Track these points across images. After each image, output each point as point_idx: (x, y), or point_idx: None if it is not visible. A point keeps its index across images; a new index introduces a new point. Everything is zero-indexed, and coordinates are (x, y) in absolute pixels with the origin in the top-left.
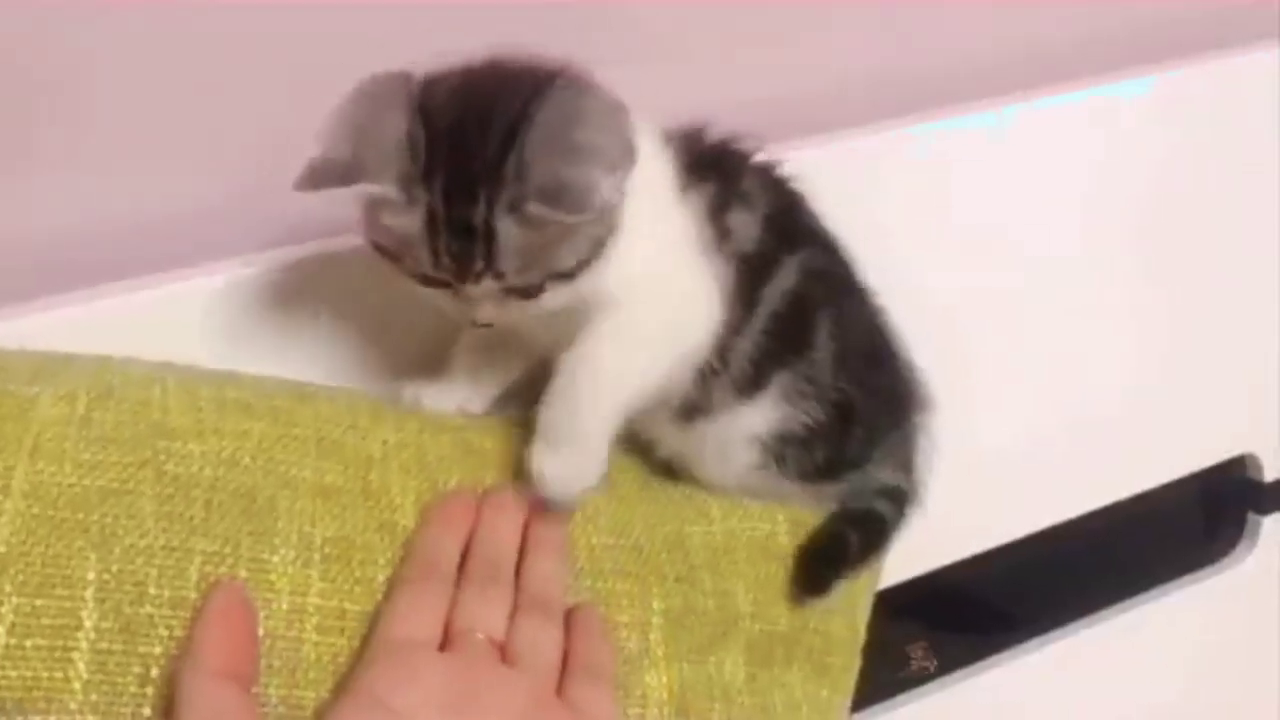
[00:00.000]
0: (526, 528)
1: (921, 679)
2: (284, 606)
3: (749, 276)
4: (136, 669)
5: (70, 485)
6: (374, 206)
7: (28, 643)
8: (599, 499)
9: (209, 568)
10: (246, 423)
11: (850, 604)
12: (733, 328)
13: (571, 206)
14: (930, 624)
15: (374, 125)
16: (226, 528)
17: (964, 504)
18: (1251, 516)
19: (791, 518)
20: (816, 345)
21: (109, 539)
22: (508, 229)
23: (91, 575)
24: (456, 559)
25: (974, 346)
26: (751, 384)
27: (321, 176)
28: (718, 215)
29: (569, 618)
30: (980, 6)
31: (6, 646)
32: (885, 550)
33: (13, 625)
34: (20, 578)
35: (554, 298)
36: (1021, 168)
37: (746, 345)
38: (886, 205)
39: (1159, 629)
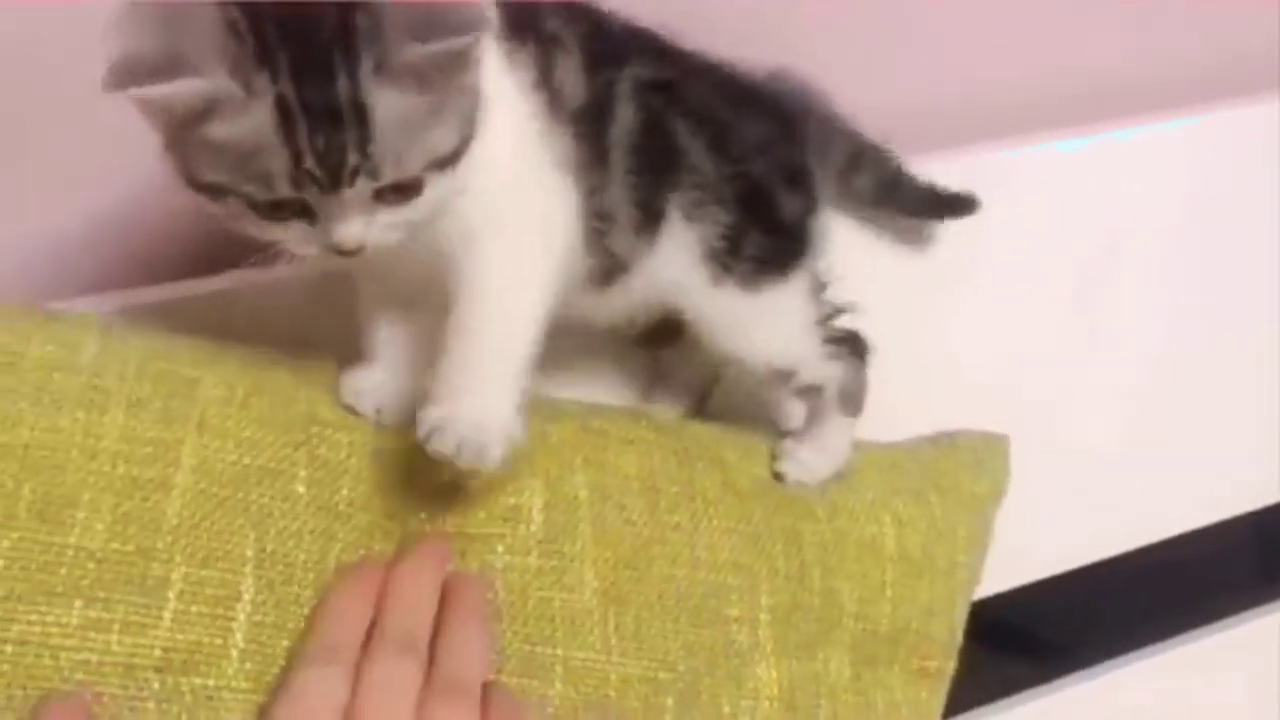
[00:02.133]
0: (445, 591)
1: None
2: None
3: (591, 129)
4: (285, 642)
5: (233, 463)
6: (195, 123)
7: (193, 609)
8: (716, 488)
9: (345, 555)
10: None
11: (949, 606)
12: (599, 187)
13: (459, 26)
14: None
15: (179, 14)
16: (366, 520)
17: (1014, 533)
18: None
19: (897, 519)
20: (686, 151)
21: (265, 519)
22: (382, 98)
23: (250, 552)
24: (362, 634)
25: (1028, 378)
26: (649, 224)
27: (131, 74)
28: (546, 79)
29: (486, 698)
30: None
31: (175, 611)
32: None
33: (181, 592)
34: (189, 549)
35: (434, 197)
36: (1097, 198)
37: (621, 193)
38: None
39: (1209, 668)
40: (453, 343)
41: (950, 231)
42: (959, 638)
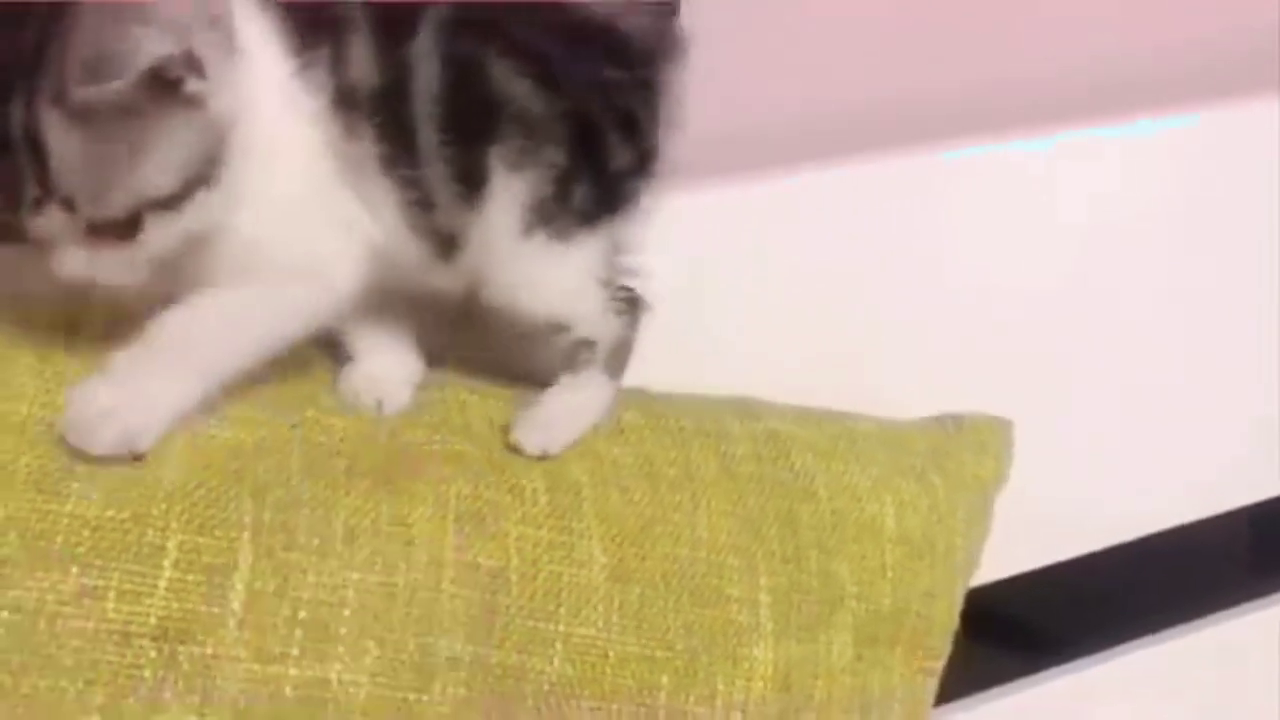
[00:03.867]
0: None
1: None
2: (423, 558)
3: (392, 111)
4: (286, 611)
5: (229, 438)
6: None
7: (189, 577)
8: (714, 470)
9: (353, 520)
10: None
11: (948, 589)
12: (412, 174)
13: (110, 71)
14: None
15: None
16: (362, 488)
17: (1009, 526)
18: None
19: (898, 500)
20: (510, 97)
21: (263, 489)
22: (57, 132)
23: (248, 519)
24: None
25: (1023, 368)
26: (475, 187)
27: None
28: (339, 74)
29: None
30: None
31: (171, 579)
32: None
33: (177, 560)
34: (185, 516)
35: (159, 238)
36: (1097, 191)
37: (439, 168)
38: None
39: (1198, 661)
40: (163, 328)
41: (954, 223)
42: (956, 620)
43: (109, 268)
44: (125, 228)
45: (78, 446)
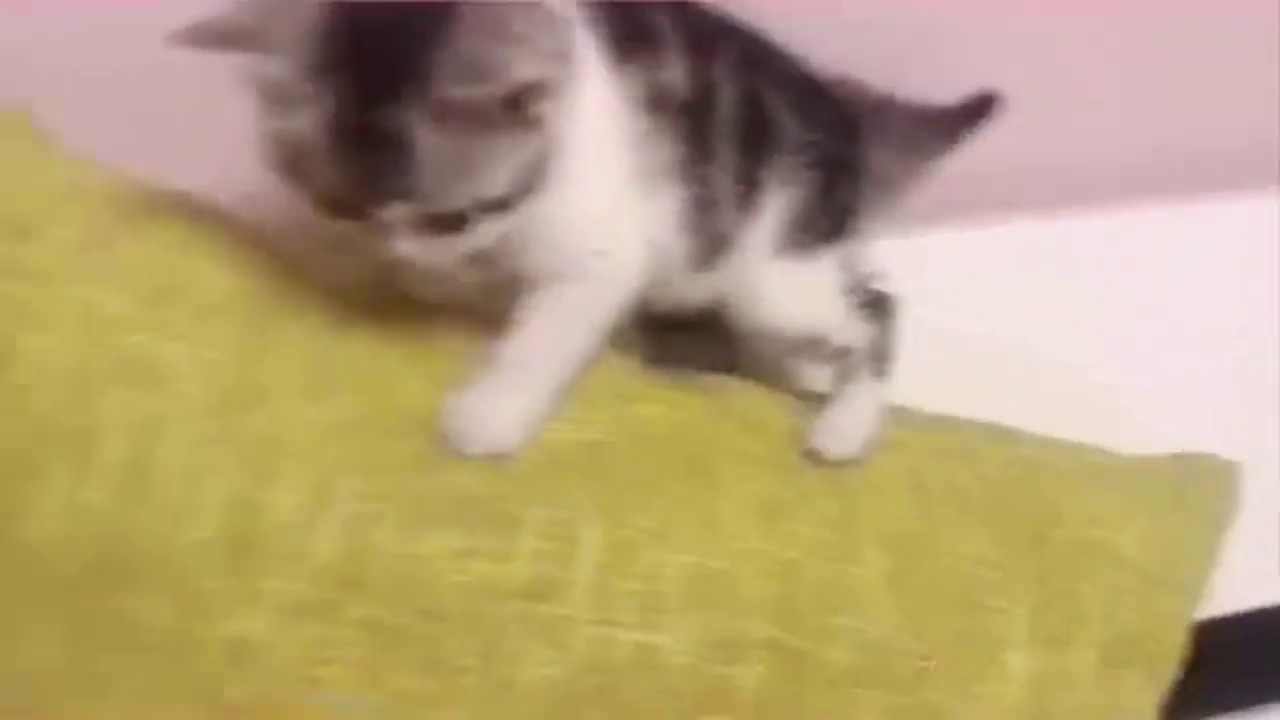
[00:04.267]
0: None
1: None
2: (733, 546)
3: (697, 119)
4: (624, 585)
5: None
6: (269, 105)
7: (544, 546)
8: (972, 488)
9: (676, 507)
10: (690, 396)
11: (1182, 618)
12: (704, 175)
13: (482, 76)
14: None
15: (287, 3)
16: (679, 477)
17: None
18: None
19: (1140, 531)
20: (782, 123)
21: (596, 475)
22: (421, 132)
23: (590, 502)
24: None
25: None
26: (751, 196)
27: (207, 34)
28: (654, 85)
29: None
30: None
31: (530, 548)
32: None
33: (534, 532)
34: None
35: (484, 233)
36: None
37: (727, 176)
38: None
39: None
40: (507, 351)
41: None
42: (1184, 651)
43: (435, 253)
44: (456, 221)
45: (455, 448)
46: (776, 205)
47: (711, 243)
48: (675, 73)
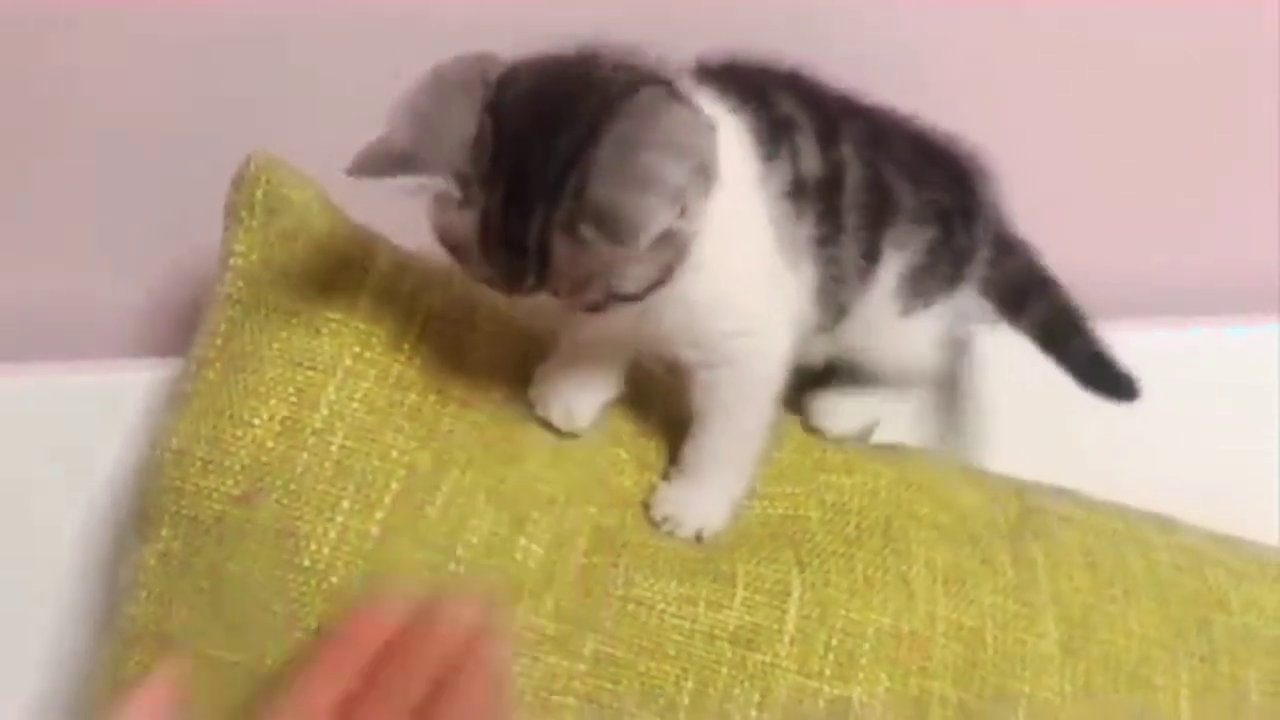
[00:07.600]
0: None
1: None
2: (921, 610)
3: (829, 199)
4: (823, 636)
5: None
6: (437, 199)
7: (756, 597)
8: (1141, 570)
9: (871, 571)
10: (877, 466)
11: None
12: (835, 254)
13: (621, 236)
14: None
15: (442, 116)
16: (872, 544)
17: None
18: None
19: None
20: (899, 192)
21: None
22: (560, 248)
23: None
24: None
25: None
26: (870, 263)
27: (376, 163)
28: (796, 169)
29: None
30: None
31: (742, 598)
32: None
33: (746, 584)
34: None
35: (621, 316)
36: None
37: (850, 249)
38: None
39: None
40: (694, 445)
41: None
42: None
43: (576, 326)
44: (595, 307)
45: (668, 532)
46: (895, 264)
47: (833, 313)
48: (811, 161)
